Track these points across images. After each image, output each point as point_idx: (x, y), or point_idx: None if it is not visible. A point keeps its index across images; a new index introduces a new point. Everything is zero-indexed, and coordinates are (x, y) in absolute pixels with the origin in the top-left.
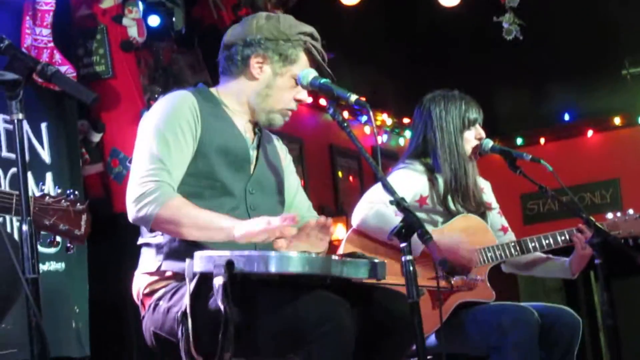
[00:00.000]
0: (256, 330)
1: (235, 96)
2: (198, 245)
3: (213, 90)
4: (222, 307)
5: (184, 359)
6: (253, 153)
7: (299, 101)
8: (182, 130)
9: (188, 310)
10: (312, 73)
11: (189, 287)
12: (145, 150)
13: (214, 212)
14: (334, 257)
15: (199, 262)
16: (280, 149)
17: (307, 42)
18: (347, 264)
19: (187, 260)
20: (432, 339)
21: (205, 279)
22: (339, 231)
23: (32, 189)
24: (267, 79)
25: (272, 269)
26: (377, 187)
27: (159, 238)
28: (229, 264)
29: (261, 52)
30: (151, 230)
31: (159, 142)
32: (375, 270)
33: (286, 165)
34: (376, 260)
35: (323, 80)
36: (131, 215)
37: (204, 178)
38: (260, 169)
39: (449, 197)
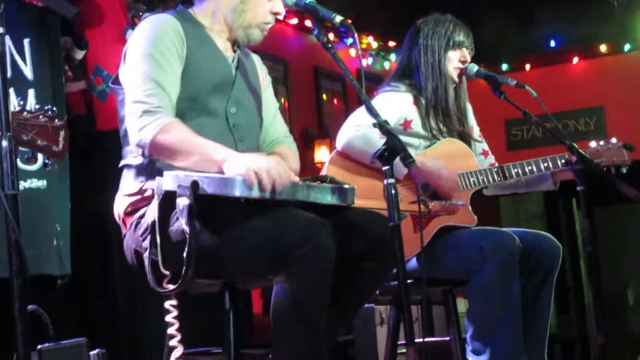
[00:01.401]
0: (233, 252)
1: (211, 15)
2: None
3: (190, 11)
4: (186, 229)
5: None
6: (234, 72)
7: (276, 14)
8: (170, 51)
9: (156, 226)
10: None
11: (156, 202)
12: (137, 74)
13: (206, 137)
14: (300, 182)
15: (168, 180)
16: (260, 68)
17: None
18: (314, 188)
19: (157, 178)
20: (412, 263)
21: (173, 197)
22: (323, 154)
23: (14, 105)
24: None
25: (237, 192)
26: (362, 110)
27: (139, 159)
28: (194, 185)
29: None
30: (150, 156)
31: (151, 64)
32: (344, 196)
33: (265, 85)
34: (346, 186)
35: (308, 1)
36: (133, 140)
37: (187, 100)
38: (239, 87)
39: (431, 116)
